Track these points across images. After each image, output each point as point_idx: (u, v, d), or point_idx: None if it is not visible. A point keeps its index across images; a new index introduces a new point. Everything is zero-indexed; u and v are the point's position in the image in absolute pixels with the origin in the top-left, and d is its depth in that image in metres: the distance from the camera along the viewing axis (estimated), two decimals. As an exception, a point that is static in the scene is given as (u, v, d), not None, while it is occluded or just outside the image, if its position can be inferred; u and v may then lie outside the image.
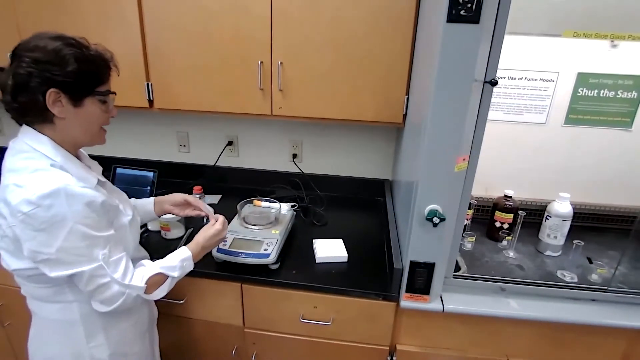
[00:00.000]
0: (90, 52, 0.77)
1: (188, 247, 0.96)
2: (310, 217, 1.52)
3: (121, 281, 0.80)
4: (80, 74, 0.74)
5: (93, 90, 0.77)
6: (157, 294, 0.88)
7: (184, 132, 1.80)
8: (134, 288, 0.82)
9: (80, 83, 0.75)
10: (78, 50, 0.74)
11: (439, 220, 0.94)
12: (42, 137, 0.77)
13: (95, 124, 0.81)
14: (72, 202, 0.72)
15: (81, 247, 0.75)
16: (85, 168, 0.83)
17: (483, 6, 0.79)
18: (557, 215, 1.30)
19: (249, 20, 1.26)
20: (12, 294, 1.36)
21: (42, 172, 0.73)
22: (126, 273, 0.82)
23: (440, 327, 1.14)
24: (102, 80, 0.79)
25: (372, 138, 1.68)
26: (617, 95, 1.36)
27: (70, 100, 0.75)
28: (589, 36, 1.12)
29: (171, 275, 0.89)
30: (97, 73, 0.77)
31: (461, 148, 0.92)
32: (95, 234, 0.76)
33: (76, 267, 0.75)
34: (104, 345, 0.89)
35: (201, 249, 0.97)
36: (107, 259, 0.78)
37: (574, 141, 1.44)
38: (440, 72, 0.86)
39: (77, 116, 0.77)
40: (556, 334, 1.12)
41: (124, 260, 0.82)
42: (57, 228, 0.72)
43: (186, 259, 0.93)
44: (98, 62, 0.77)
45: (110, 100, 0.82)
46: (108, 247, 0.79)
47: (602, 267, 1.19)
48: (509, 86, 1.40)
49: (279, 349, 1.26)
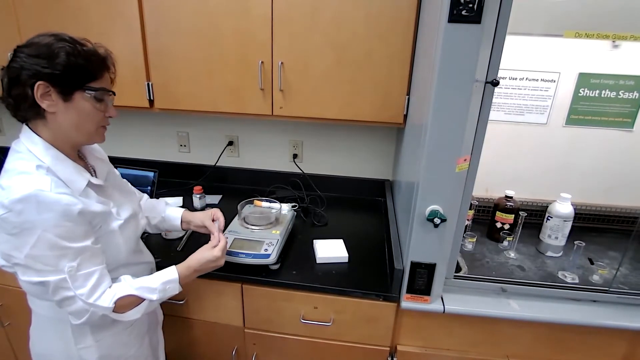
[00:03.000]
0: (84, 47, 0.75)
1: (177, 268, 0.90)
2: (310, 217, 1.52)
3: (85, 299, 0.76)
4: (69, 67, 0.73)
5: (83, 84, 0.75)
6: (129, 315, 0.83)
7: (185, 132, 1.80)
8: (98, 307, 0.77)
9: (69, 76, 0.73)
10: (70, 45, 0.73)
11: (440, 221, 0.94)
12: (35, 138, 0.76)
13: (88, 122, 0.79)
14: (42, 210, 0.70)
15: (49, 256, 0.72)
16: (78, 169, 0.80)
17: (484, 6, 0.79)
18: (558, 215, 1.29)
19: (250, 20, 1.25)
20: (12, 294, 1.36)
21: (23, 175, 0.72)
22: (94, 290, 0.77)
23: (441, 327, 1.14)
24: (94, 76, 0.77)
25: (372, 138, 1.68)
26: (619, 95, 1.36)
27: (60, 94, 0.74)
28: (591, 36, 1.11)
29: (148, 297, 0.84)
30: (88, 68, 0.75)
31: (462, 149, 0.91)
32: (65, 245, 0.73)
33: (42, 276, 0.73)
34: (92, 347, 0.88)
35: (192, 272, 0.92)
36: (74, 273, 0.75)
37: (575, 142, 1.44)
38: (441, 73, 0.85)
39: (68, 111, 0.75)
40: (557, 335, 1.12)
41: (96, 276, 0.78)
42: (26, 235, 0.70)
43: (170, 282, 0.87)
44: (90, 58, 0.76)
45: (107, 99, 0.81)
46: (79, 259, 0.75)
47: (603, 268, 1.19)
48: (510, 86, 1.40)
49: (279, 349, 1.26)
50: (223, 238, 1.00)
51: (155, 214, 1.12)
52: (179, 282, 0.89)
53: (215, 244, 0.98)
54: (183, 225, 1.13)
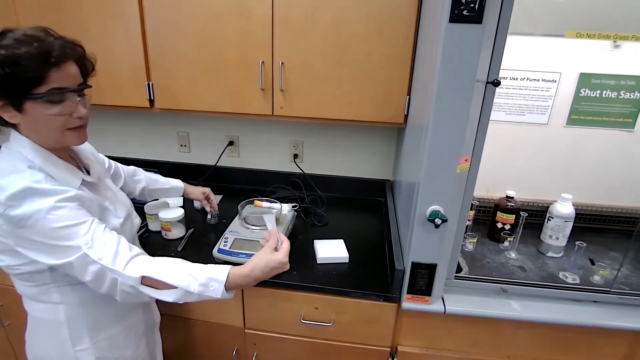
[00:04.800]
0: (18, 51, 0.66)
1: (232, 271, 0.80)
2: (311, 217, 1.51)
3: (111, 266, 0.73)
4: (4, 78, 0.66)
5: (27, 93, 0.68)
6: (164, 295, 0.77)
7: (185, 132, 1.79)
8: (125, 277, 0.73)
9: (8, 88, 0.67)
10: (5, 51, 0.66)
11: (441, 221, 0.94)
12: (23, 139, 0.75)
13: (49, 128, 0.74)
14: (40, 198, 0.70)
15: (61, 236, 0.71)
16: (70, 169, 0.80)
17: (486, 6, 0.79)
18: (559, 216, 1.29)
19: (250, 20, 1.25)
20: (12, 294, 1.35)
21: (15, 173, 0.72)
22: (116, 256, 0.74)
23: (442, 328, 1.14)
24: (35, 81, 0.68)
25: (372, 138, 1.68)
26: (620, 96, 1.36)
27: (12, 106, 0.70)
28: (592, 36, 1.11)
29: (182, 287, 0.75)
30: (19, 74, 0.66)
31: (463, 149, 0.91)
32: (71, 223, 0.72)
33: (63, 258, 0.72)
34: (89, 349, 0.87)
35: (253, 280, 0.82)
36: (92, 244, 0.72)
37: (576, 142, 1.44)
38: (442, 73, 0.85)
39: (27, 121, 0.72)
40: (558, 336, 1.11)
41: (114, 243, 0.75)
42: (32, 223, 0.70)
43: (214, 281, 0.77)
44: (19, 62, 0.66)
45: (69, 98, 0.73)
46: (90, 232, 0.73)
47: (604, 269, 1.19)
48: (510, 86, 1.39)
49: (280, 349, 1.25)
50: (286, 239, 0.92)
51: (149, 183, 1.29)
52: (224, 284, 0.78)
53: (273, 245, 0.89)
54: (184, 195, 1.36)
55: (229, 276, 0.79)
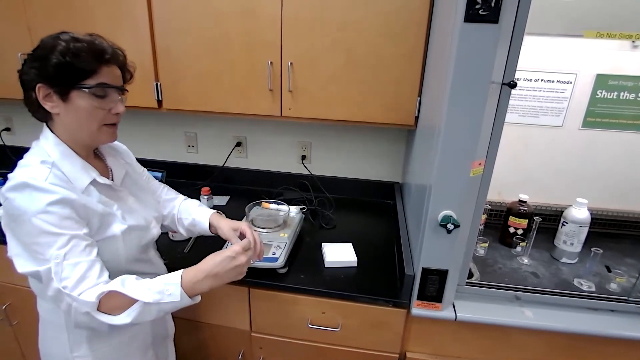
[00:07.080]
0: (76, 45, 0.72)
1: (184, 270, 0.79)
2: (318, 219, 1.50)
3: (69, 292, 0.70)
4: (59, 66, 0.71)
5: (76, 83, 0.73)
6: (119, 319, 0.72)
7: (193, 133, 1.79)
8: (80, 302, 0.70)
9: (61, 76, 0.72)
10: (65, 43, 0.72)
11: (453, 226, 0.91)
12: (49, 134, 0.78)
13: (89, 121, 0.76)
14: (32, 196, 0.70)
15: (39, 243, 0.70)
16: (85, 167, 0.79)
17: (502, 5, 0.76)
18: (574, 221, 1.26)
19: (259, 21, 1.24)
20: (19, 293, 1.37)
21: (24, 167, 0.74)
22: (79, 282, 0.71)
23: (451, 335, 1.11)
24: (88, 73, 0.73)
25: (382, 140, 1.65)
26: (638, 97, 1.32)
27: (58, 95, 0.73)
28: (613, 36, 1.08)
29: (140, 298, 0.72)
30: (77, 65, 0.72)
31: (477, 152, 0.89)
32: (54, 231, 0.70)
33: (36, 265, 0.71)
34: (88, 357, 0.86)
35: (204, 276, 0.78)
36: (61, 261, 0.70)
37: (591, 145, 1.40)
38: (456, 74, 0.83)
39: (68, 111, 0.75)
40: (573, 345, 1.08)
41: (83, 267, 0.72)
42: (20, 221, 0.71)
43: (170, 284, 0.75)
44: (80, 54, 0.72)
45: (111, 95, 0.77)
46: (67, 247, 0.71)
47: (621, 276, 1.15)
48: (524, 88, 1.36)
49: (286, 354, 1.24)
50: (251, 234, 0.92)
51: (187, 215, 1.08)
52: (180, 285, 0.75)
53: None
54: (212, 229, 1.04)
55: (182, 275, 0.77)
